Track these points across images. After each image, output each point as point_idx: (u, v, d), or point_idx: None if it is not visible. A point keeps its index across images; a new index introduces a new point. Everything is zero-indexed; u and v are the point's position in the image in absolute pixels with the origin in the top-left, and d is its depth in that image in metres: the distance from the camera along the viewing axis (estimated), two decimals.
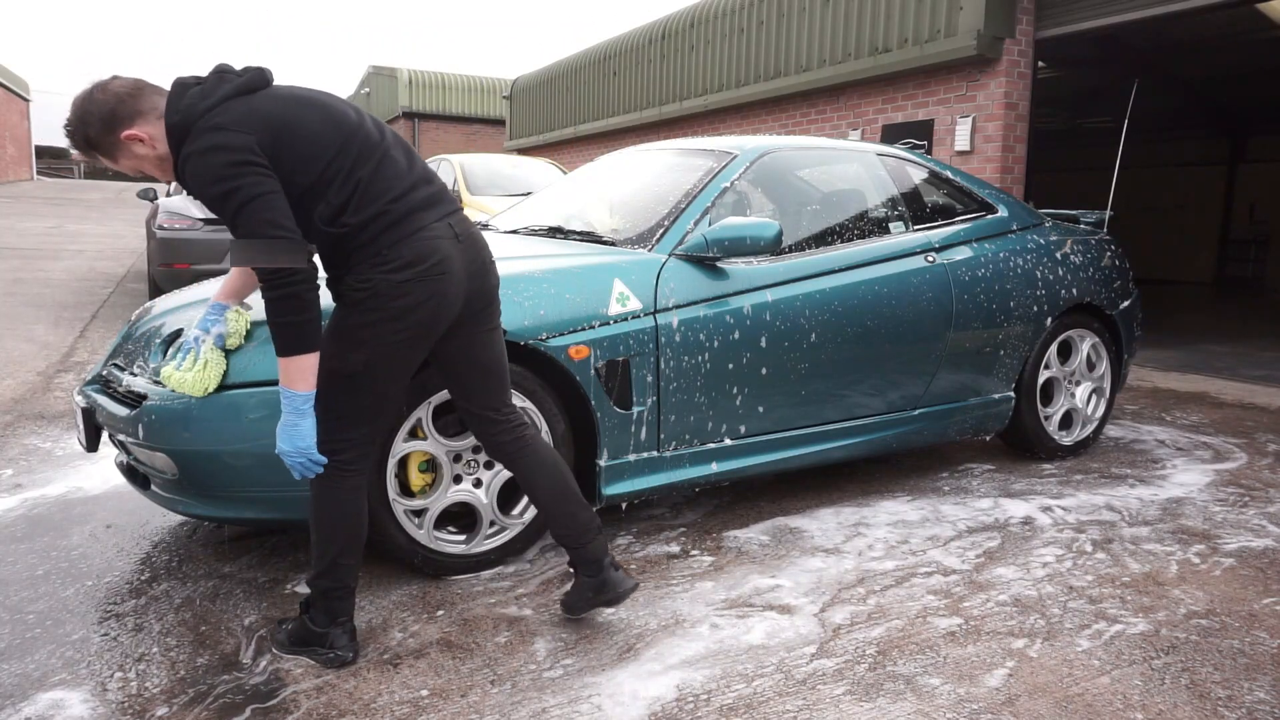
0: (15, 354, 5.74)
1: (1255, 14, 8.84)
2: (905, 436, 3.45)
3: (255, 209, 1.81)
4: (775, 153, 3.40)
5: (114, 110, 1.88)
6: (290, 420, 1.94)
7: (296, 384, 1.91)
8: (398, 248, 1.95)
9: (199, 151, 1.82)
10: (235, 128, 1.83)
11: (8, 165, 28.66)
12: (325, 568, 2.10)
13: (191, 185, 1.85)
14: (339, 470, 2.05)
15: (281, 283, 1.83)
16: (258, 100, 1.91)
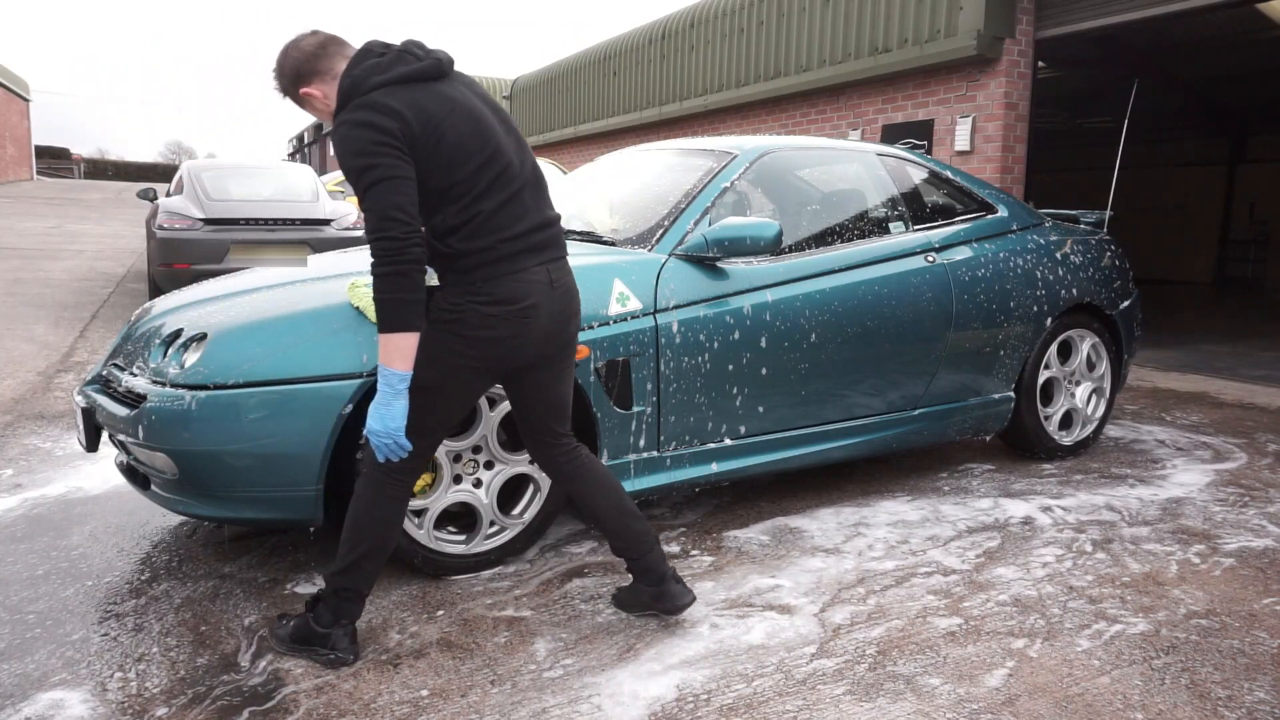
0: (15, 354, 5.74)
1: (1255, 14, 8.84)
2: (905, 436, 3.45)
3: (387, 189, 1.88)
4: (775, 153, 3.40)
5: (298, 68, 2.03)
6: (384, 399, 1.95)
7: (395, 362, 1.93)
8: (494, 283, 2.02)
9: (349, 122, 1.91)
10: (388, 110, 1.90)
11: (8, 165, 28.66)
12: (347, 566, 2.11)
13: (336, 149, 1.92)
14: (387, 476, 2.08)
15: (391, 259, 1.87)
16: (422, 91, 1.96)
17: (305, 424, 2.32)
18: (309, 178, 8.80)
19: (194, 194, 7.74)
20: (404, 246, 1.87)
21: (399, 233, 1.87)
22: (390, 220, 1.87)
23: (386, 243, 1.87)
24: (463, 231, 1.99)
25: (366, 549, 2.10)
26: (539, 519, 2.69)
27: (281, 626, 2.20)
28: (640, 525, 2.31)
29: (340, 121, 1.92)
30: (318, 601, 2.16)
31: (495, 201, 2.03)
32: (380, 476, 2.08)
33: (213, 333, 2.43)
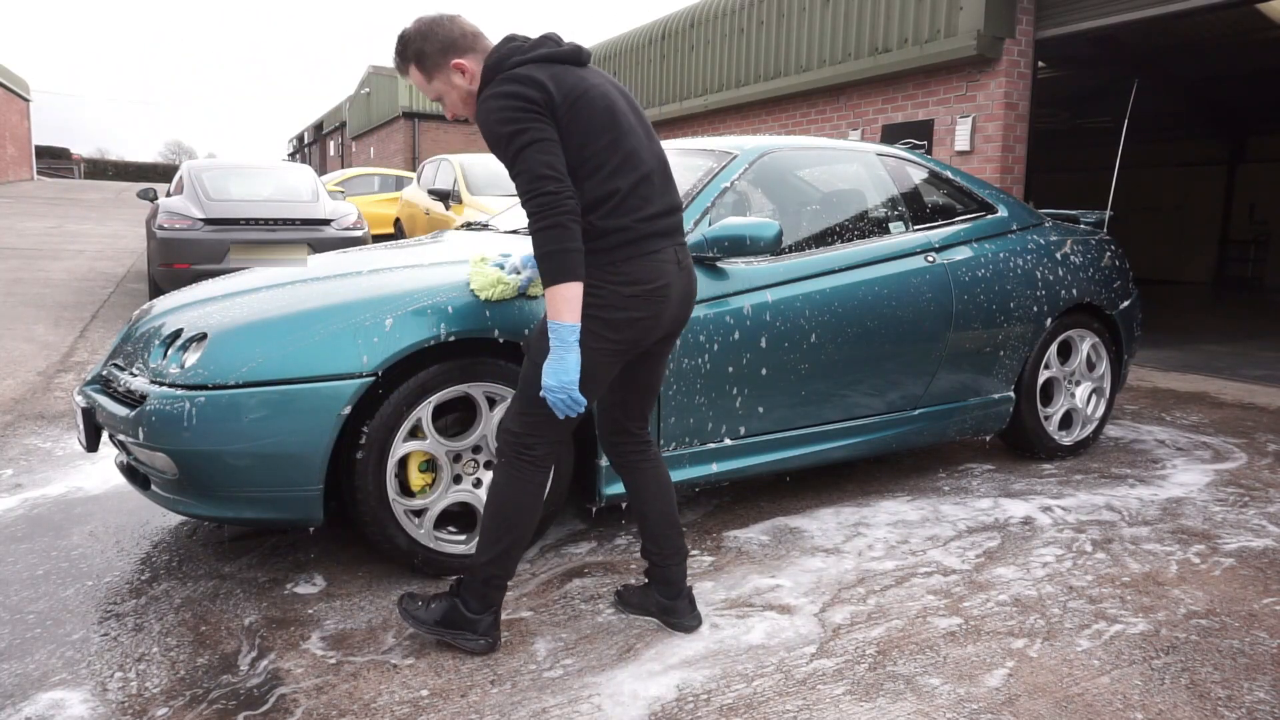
0: (15, 354, 5.74)
1: (1255, 14, 8.84)
2: (905, 436, 3.45)
3: (537, 150, 1.92)
4: (775, 153, 3.40)
5: (456, 40, 2.08)
6: (557, 353, 1.95)
7: (564, 314, 1.93)
8: (631, 264, 2.04)
9: (495, 94, 1.95)
10: (531, 81, 1.96)
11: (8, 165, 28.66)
12: (496, 555, 2.12)
13: (482, 123, 1.98)
14: (532, 463, 2.10)
15: (546, 213, 1.90)
16: (561, 69, 2.02)
17: (305, 424, 2.32)
18: (309, 178, 8.81)
19: (194, 194, 7.74)
20: (559, 200, 1.90)
21: (553, 187, 1.90)
22: (543, 178, 1.90)
23: (543, 198, 1.90)
24: (603, 209, 2.01)
25: (516, 536, 2.12)
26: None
27: (420, 608, 2.18)
28: (679, 539, 2.32)
29: (486, 96, 1.97)
30: (462, 587, 2.16)
31: (629, 181, 2.05)
32: (515, 460, 2.10)
33: (213, 333, 2.43)
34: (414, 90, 24.64)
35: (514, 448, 2.10)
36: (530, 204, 1.91)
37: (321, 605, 2.43)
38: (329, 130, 37.79)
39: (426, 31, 2.08)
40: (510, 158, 1.93)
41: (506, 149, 1.93)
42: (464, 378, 2.50)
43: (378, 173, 15.95)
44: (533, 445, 2.09)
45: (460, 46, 2.07)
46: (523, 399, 2.09)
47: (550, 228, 1.90)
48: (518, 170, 1.92)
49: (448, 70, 2.08)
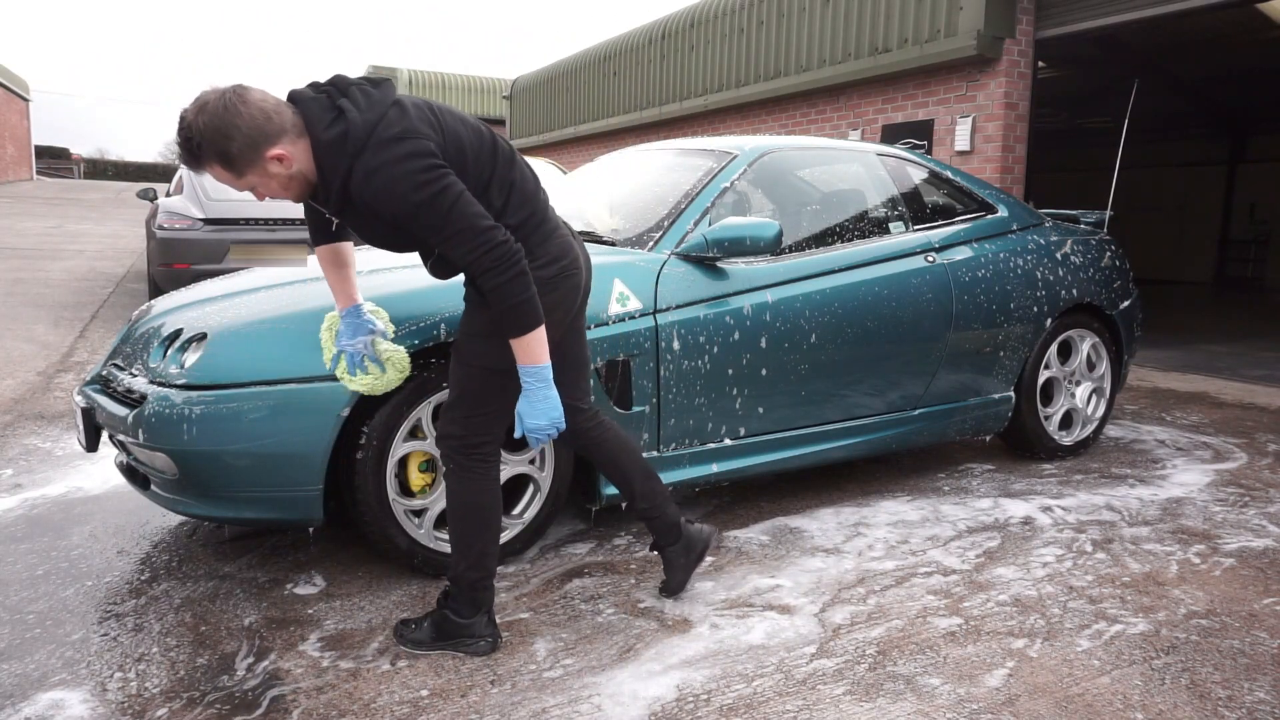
0: (15, 354, 5.74)
1: (1255, 14, 8.85)
2: (905, 436, 3.45)
3: (465, 205, 1.84)
4: (775, 153, 3.39)
5: (262, 127, 1.78)
6: (540, 392, 1.98)
7: (540, 357, 1.96)
8: (545, 245, 2.05)
9: (388, 162, 1.79)
10: (415, 135, 1.83)
11: (8, 165, 28.66)
12: (474, 560, 2.13)
13: (381, 196, 1.80)
14: (483, 461, 2.11)
15: (509, 264, 1.87)
16: (409, 107, 1.89)
17: (305, 424, 2.32)
18: None
19: (194, 194, 7.74)
20: (513, 248, 1.88)
21: (501, 236, 1.87)
22: (486, 229, 1.85)
23: (498, 249, 1.86)
24: (510, 207, 2.01)
25: (488, 537, 2.14)
26: (539, 519, 2.69)
27: (414, 630, 2.19)
28: (659, 484, 2.41)
29: (372, 168, 1.79)
30: (448, 597, 2.17)
31: (516, 169, 2.05)
32: (465, 463, 2.10)
33: (212, 333, 2.43)
34: (414, 90, 24.66)
35: (462, 450, 2.09)
36: (484, 258, 1.84)
37: (321, 605, 2.43)
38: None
39: (224, 126, 1.75)
40: (439, 220, 1.82)
41: (431, 212, 1.81)
42: None
43: None
44: (480, 444, 2.10)
45: (270, 133, 1.79)
46: (464, 402, 2.07)
47: (518, 276, 1.88)
48: (452, 230, 1.82)
49: (263, 164, 1.81)
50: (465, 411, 2.08)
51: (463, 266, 1.91)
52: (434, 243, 1.89)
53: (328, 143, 1.82)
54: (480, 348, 2.04)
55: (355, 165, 1.81)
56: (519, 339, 1.93)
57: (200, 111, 1.77)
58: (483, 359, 2.04)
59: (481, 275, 1.87)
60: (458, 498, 2.12)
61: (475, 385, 2.07)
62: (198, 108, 1.78)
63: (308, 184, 1.91)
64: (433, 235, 1.86)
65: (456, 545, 2.14)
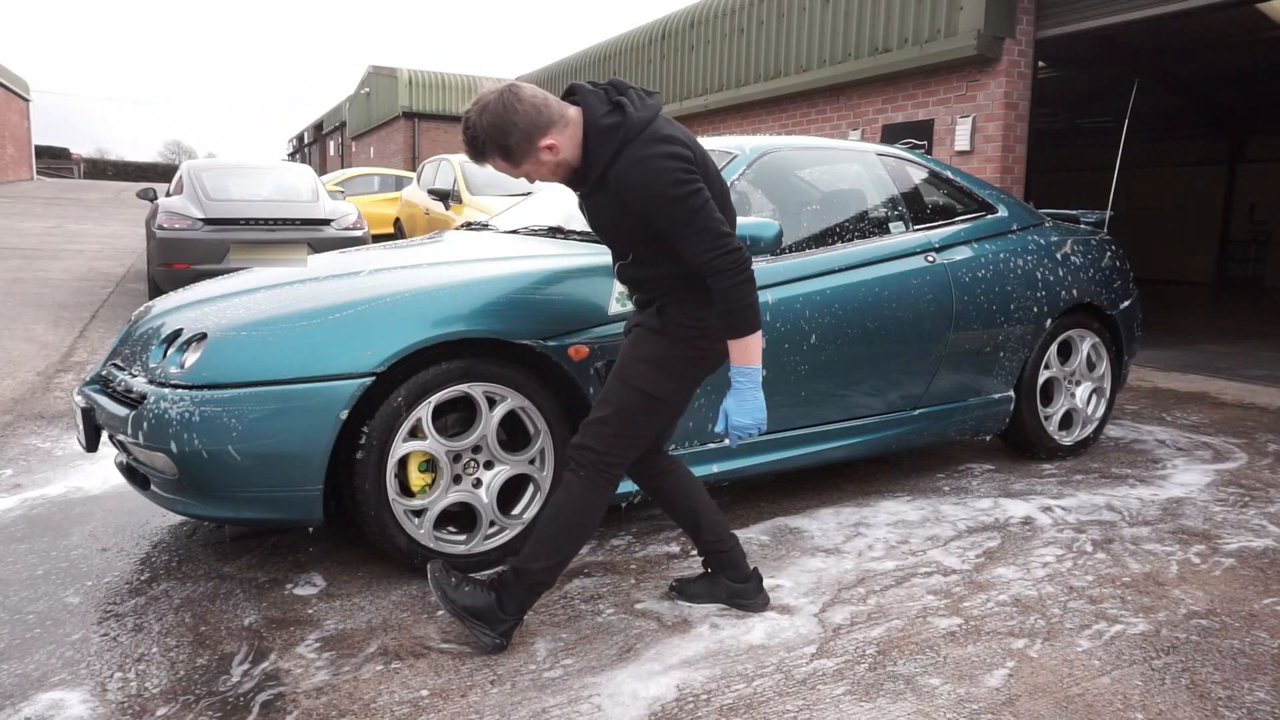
0: (15, 354, 5.74)
1: (1255, 14, 8.84)
2: (905, 437, 3.45)
3: (711, 209, 1.98)
4: (775, 153, 3.39)
5: (535, 121, 1.98)
6: (750, 395, 2.07)
7: (754, 359, 2.06)
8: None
9: (655, 156, 1.96)
10: (680, 141, 2.01)
11: (8, 165, 28.67)
12: (555, 564, 2.16)
13: (639, 184, 1.96)
14: (610, 482, 2.16)
15: (741, 269, 1.98)
16: (674, 121, 2.08)
17: (305, 424, 2.32)
18: (309, 178, 8.80)
19: (194, 194, 7.74)
20: (744, 256, 1.98)
21: (735, 243, 1.98)
22: (726, 234, 1.97)
23: (733, 254, 1.97)
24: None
25: (575, 548, 2.17)
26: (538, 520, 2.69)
27: (452, 585, 2.18)
28: (723, 518, 2.43)
29: (643, 158, 1.95)
30: (504, 586, 2.17)
31: (730, 211, 2.18)
32: (595, 478, 2.13)
33: (212, 333, 2.43)
34: (414, 90, 24.69)
35: (596, 465, 2.14)
36: (720, 260, 1.96)
37: (321, 605, 2.43)
38: (329, 130, 37.79)
39: (502, 124, 1.97)
40: (687, 218, 1.96)
41: (680, 209, 1.95)
42: (464, 378, 2.50)
43: (378, 173, 15.96)
44: (614, 465, 2.15)
45: (542, 125, 1.99)
46: (616, 420, 2.13)
47: (746, 281, 1.99)
48: (697, 228, 1.96)
49: (536, 153, 2.02)
50: (614, 430, 2.13)
51: (698, 266, 1.98)
52: (675, 238, 1.98)
53: (603, 129, 2.00)
54: (646, 373, 2.13)
55: (624, 151, 1.98)
56: (738, 340, 2.03)
57: (483, 112, 1.98)
58: (646, 384, 2.12)
59: (715, 275, 1.98)
60: (574, 503, 2.14)
61: (633, 408, 2.13)
62: (480, 108, 1.98)
63: (572, 170, 2.09)
64: (675, 229, 1.97)
65: (545, 544, 2.15)
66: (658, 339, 2.15)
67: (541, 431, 2.63)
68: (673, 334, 2.14)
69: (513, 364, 2.56)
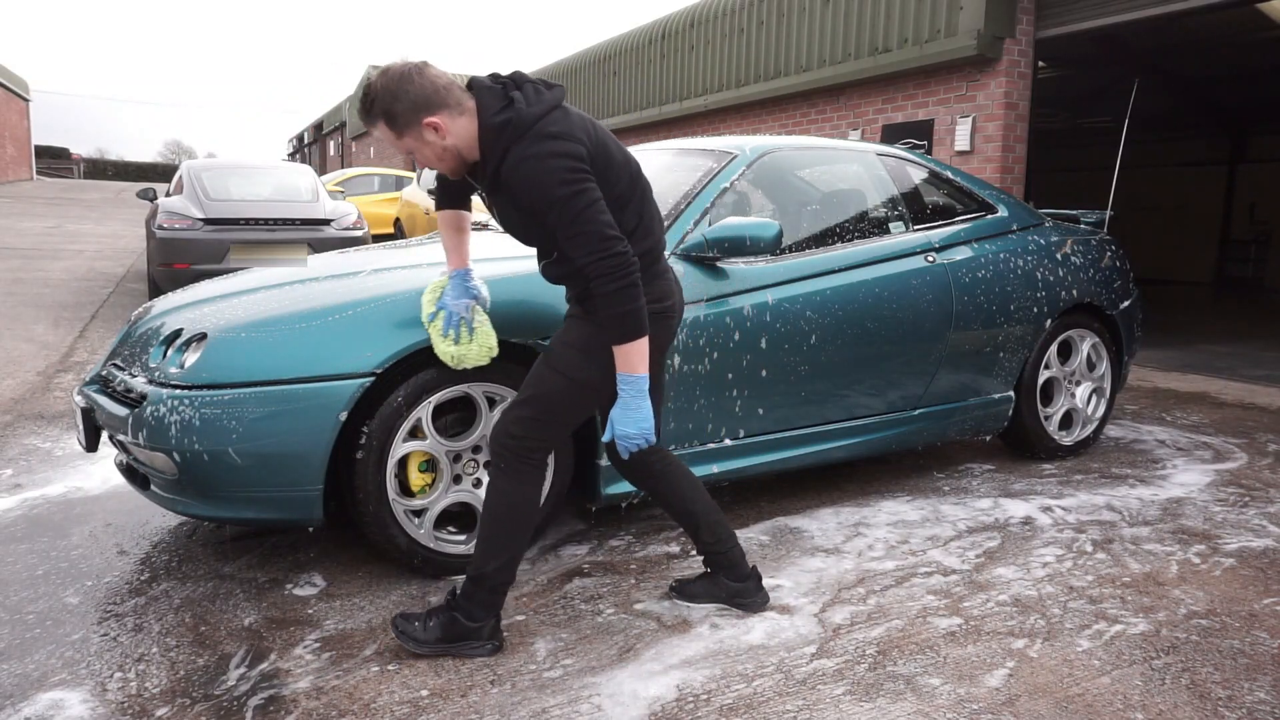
0: (15, 354, 5.74)
1: (1255, 14, 8.84)
2: (905, 437, 3.45)
3: (596, 211, 1.94)
4: (775, 153, 3.39)
5: (429, 97, 1.97)
6: (635, 404, 2.02)
7: (638, 367, 2.01)
8: (656, 283, 2.15)
9: (540, 155, 1.93)
10: (570, 137, 1.96)
11: (8, 165, 28.66)
12: (505, 561, 2.14)
13: (525, 183, 1.93)
14: (535, 466, 2.13)
15: (622, 274, 1.94)
16: (572, 113, 2.03)
17: (305, 424, 2.32)
18: (309, 178, 8.81)
19: (194, 194, 7.74)
20: (629, 259, 1.95)
21: (621, 248, 1.94)
22: (611, 238, 1.93)
23: (616, 258, 1.93)
24: (637, 233, 2.10)
25: (521, 541, 2.16)
26: (539, 520, 2.69)
27: (417, 628, 2.16)
28: (726, 522, 2.42)
29: (522, 156, 1.93)
30: (461, 598, 2.16)
31: (651, 203, 2.17)
32: (517, 465, 2.11)
33: (212, 333, 2.43)
34: None
35: (516, 452, 2.11)
36: (600, 264, 1.93)
37: (321, 605, 2.43)
38: (329, 130, 37.78)
39: (395, 90, 1.97)
40: (570, 218, 1.92)
41: (564, 210, 1.92)
42: (464, 377, 2.50)
43: (378, 173, 15.96)
44: (533, 450, 2.12)
45: (433, 104, 1.97)
46: (537, 404, 2.11)
47: (628, 287, 1.95)
48: (578, 230, 1.92)
49: (419, 129, 1.99)
50: (534, 413, 2.11)
51: (580, 269, 1.96)
52: (560, 239, 1.96)
53: (493, 127, 1.98)
54: (574, 359, 2.10)
55: (511, 150, 1.95)
56: (621, 346, 2.00)
57: (383, 75, 1.99)
58: (573, 370, 2.10)
59: (596, 280, 1.94)
60: (504, 497, 2.12)
61: (556, 393, 2.11)
62: (383, 72, 2.00)
63: (463, 161, 2.06)
64: (560, 230, 1.94)
65: (489, 545, 2.13)
66: (584, 324, 2.12)
67: None
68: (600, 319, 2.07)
69: (512, 363, 2.56)
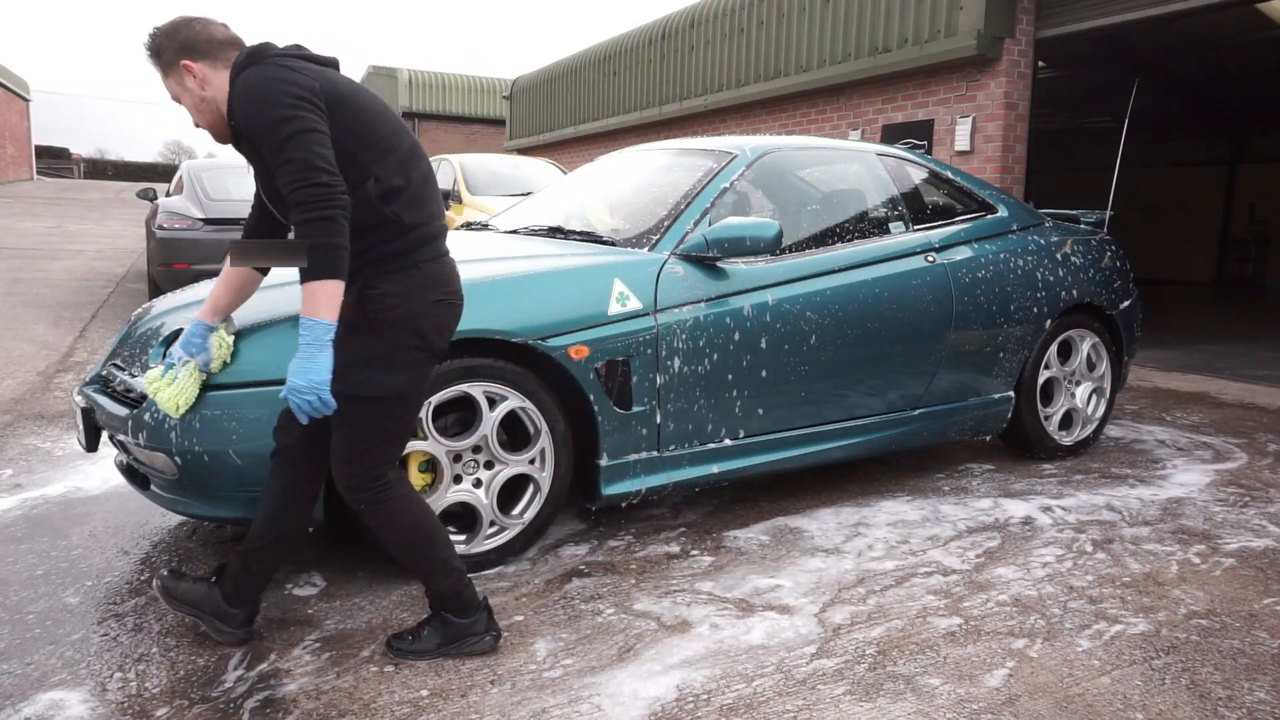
0: (15, 354, 5.74)
1: (1255, 14, 8.84)
2: (905, 437, 3.45)
3: (310, 141, 1.82)
4: (775, 153, 3.39)
5: (197, 43, 1.96)
6: (309, 352, 1.85)
7: (322, 312, 1.84)
8: (431, 265, 2.01)
9: (261, 77, 1.86)
10: (301, 70, 1.90)
11: (8, 165, 28.65)
12: (438, 567, 2.11)
13: (242, 107, 1.86)
14: (385, 488, 2.05)
15: (321, 205, 1.81)
16: (316, 66, 1.97)
17: None
18: None
19: (194, 194, 7.74)
20: (333, 193, 1.81)
21: (327, 179, 1.81)
22: (316, 169, 1.81)
23: (316, 188, 1.80)
24: (402, 199, 1.97)
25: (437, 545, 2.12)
26: (539, 519, 2.69)
27: (412, 642, 2.13)
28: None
29: (245, 78, 1.88)
30: (441, 605, 2.14)
31: (421, 170, 2.03)
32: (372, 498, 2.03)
33: None
34: (413, 90, 24.69)
35: (363, 488, 2.02)
36: (300, 193, 1.80)
37: (321, 605, 2.43)
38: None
39: (171, 30, 1.97)
40: (278, 143, 1.81)
41: (274, 134, 1.81)
42: (464, 377, 2.50)
43: None
44: (378, 475, 2.03)
45: (198, 50, 1.95)
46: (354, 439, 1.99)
47: (322, 219, 1.80)
48: (286, 158, 1.81)
49: (179, 70, 1.95)
50: (356, 448, 2.00)
51: (285, 197, 1.84)
52: (272, 171, 1.85)
53: (235, 65, 1.95)
54: (360, 376, 1.95)
55: (240, 77, 1.91)
56: (308, 285, 1.83)
57: (171, 18, 2.01)
58: (365, 388, 1.95)
59: (295, 208, 1.81)
60: (389, 530, 2.07)
61: (361, 418, 1.98)
62: (174, 16, 2.01)
63: (219, 116, 1.98)
64: (270, 160, 1.84)
65: (418, 568, 2.11)
66: (358, 336, 1.95)
67: (542, 431, 2.63)
68: (377, 321, 1.95)
69: (513, 363, 2.56)
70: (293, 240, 1.86)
